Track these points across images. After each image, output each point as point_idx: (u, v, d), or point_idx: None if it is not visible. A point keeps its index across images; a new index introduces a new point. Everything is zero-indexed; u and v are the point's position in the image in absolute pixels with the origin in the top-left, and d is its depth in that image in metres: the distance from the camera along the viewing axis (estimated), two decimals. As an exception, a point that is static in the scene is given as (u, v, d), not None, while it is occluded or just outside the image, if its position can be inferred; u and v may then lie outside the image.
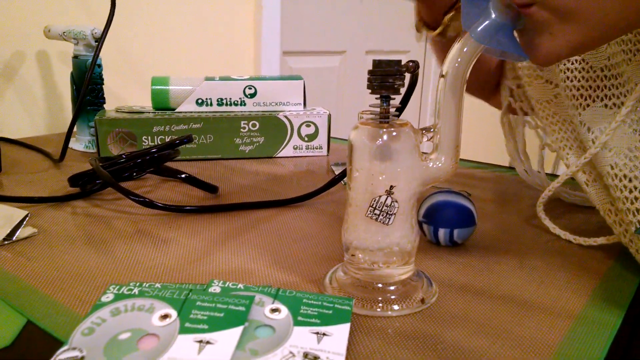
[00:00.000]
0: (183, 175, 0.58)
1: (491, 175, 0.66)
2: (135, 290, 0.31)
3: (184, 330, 0.27)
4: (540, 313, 0.33)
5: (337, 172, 0.65)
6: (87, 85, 0.70)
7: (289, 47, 1.50)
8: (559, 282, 0.37)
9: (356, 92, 1.75)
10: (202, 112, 0.71)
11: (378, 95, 0.32)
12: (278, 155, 0.73)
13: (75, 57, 0.75)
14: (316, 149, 0.74)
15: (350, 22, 1.66)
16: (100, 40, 0.70)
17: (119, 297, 0.30)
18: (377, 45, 1.77)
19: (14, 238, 0.42)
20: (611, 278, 0.38)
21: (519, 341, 0.30)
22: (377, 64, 0.32)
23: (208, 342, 0.26)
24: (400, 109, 0.35)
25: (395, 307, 0.33)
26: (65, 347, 0.26)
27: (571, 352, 0.29)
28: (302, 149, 0.74)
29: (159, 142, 0.68)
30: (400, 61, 0.32)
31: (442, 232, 0.41)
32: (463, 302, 0.34)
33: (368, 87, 0.32)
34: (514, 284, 0.37)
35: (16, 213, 0.45)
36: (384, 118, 0.32)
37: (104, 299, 0.30)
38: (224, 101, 0.72)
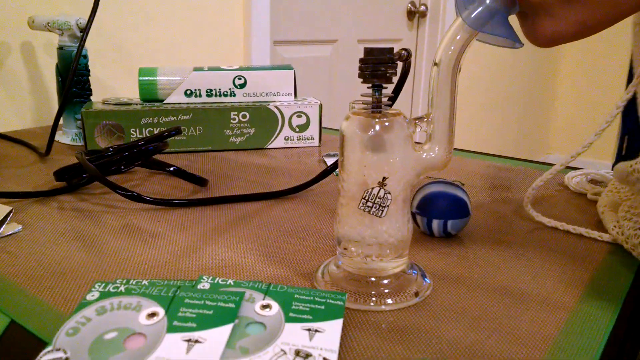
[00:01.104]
0: (172, 168, 0.57)
1: (485, 165, 0.65)
2: (122, 288, 0.30)
3: (172, 329, 0.26)
4: (536, 305, 0.32)
5: (329, 163, 0.64)
6: (73, 77, 0.68)
7: (280, 37, 1.48)
8: (554, 274, 0.37)
9: (348, 81, 1.73)
10: (191, 103, 0.70)
11: (370, 85, 0.31)
12: (269, 147, 0.72)
13: (60, 48, 0.74)
14: (308, 139, 0.73)
15: (342, 11, 1.64)
16: (85, 30, 0.68)
17: (104, 295, 0.29)
18: (368, 34, 1.76)
19: (-2, 234, 0.41)
20: (606, 270, 0.38)
21: (515, 335, 0.29)
22: (368, 52, 0.31)
23: (197, 341, 0.26)
24: (393, 99, 0.34)
25: (389, 300, 0.32)
26: (49, 348, 0.25)
27: (567, 346, 0.28)
28: (293, 139, 0.73)
29: (147, 135, 0.67)
30: (392, 49, 0.31)
31: (435, 224, 0.41)
32: (457, 295, 0.33)
33: (360, 76, 0.31)
34: (509, 276, 0.36)
35: (0, 209, 0.44)
36: (376, 108, 0.32)
37: (89, 297, 0.29)
38: (214, 92, 0.71)
